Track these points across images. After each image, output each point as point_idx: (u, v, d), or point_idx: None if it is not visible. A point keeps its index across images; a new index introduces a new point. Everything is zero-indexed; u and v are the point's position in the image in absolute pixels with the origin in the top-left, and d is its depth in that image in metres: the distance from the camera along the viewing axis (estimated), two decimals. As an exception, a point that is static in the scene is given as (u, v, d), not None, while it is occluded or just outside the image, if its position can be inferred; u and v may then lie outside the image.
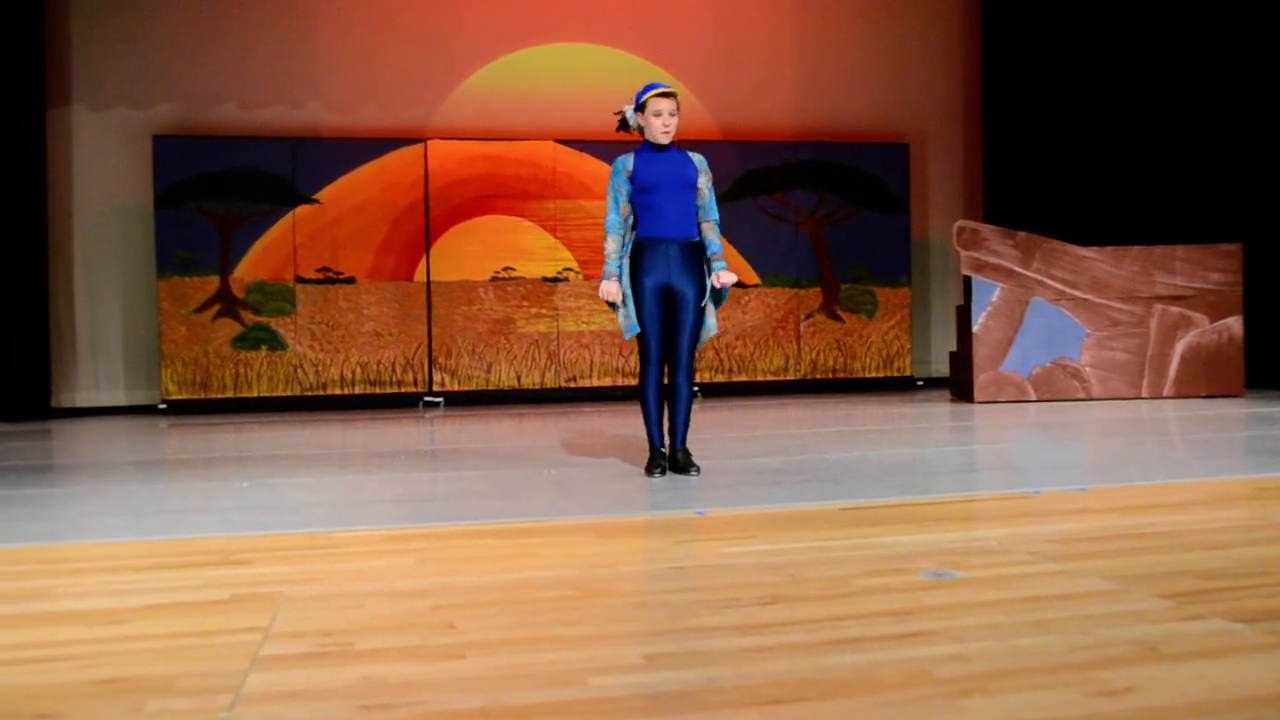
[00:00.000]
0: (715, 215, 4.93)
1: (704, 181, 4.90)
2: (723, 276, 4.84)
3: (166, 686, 2.05)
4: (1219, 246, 8.67)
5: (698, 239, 4.88)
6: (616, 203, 4.87)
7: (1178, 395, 8.60)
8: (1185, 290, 8.63)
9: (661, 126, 4.78)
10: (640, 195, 4.82)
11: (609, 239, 4.88)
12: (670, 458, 4.92)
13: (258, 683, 2.06)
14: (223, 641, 2.34)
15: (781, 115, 11.18)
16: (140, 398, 10.04)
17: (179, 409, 9.73)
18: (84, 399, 9.96)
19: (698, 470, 4.85)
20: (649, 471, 4.85)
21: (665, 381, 4.93)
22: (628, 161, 4.86)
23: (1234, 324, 8.63)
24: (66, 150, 9.95)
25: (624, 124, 4.94)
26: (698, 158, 4.91)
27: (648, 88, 4.85)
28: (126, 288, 10.02)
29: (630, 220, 4.90)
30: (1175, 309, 8.64)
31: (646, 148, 4.87)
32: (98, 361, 10.01)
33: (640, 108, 4.85)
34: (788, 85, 11.24)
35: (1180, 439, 6.22)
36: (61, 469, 5.99)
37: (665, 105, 4.79)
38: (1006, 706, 1.85)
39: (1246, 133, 9.20)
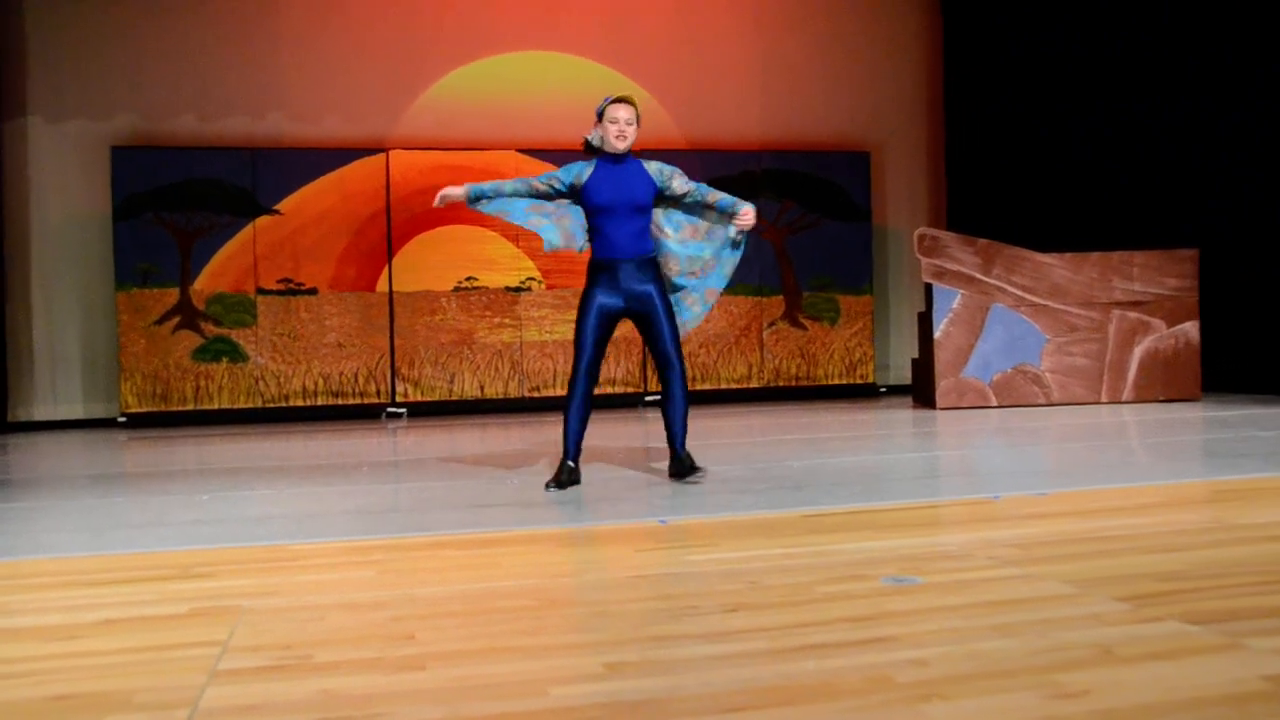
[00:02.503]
0: (706, 189, 4.89)
1: (677, 185, 4.84)
2: (740, 219, 4.84)
3: (123, 702, 2.03)
4: (1175, 252, 8.79)
5: (652, 254, 4.84)
6: (537, 179, 4.87)
7: (1137, 400, 8.70)
8: (1143, 296, 8.74)
9: (616, 133, 4.72)
10: (591, 216, 4.80)
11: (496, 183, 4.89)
12: (673, 463, 4.87)
13: (215, 696, 2.04)
14: (180, 655, 2.32)
15: (744, 124, 11.23)
16: (99, 411, 9.91)
17: (139, 422, 9.62)
18: (41, 412, 9.82)
19: (703, 472, 4.80)
20: (555, 484, 4.73)
21: (660, 388, 4.96)
22: (583, 172, 4.80)
23: (1190, 329, 8.75)
24: (23, 161, 9.82)
25: (589, 147, 4.85)
26: (655, 169, 4.83)
27: (607, 99, 4.82)
28: (85, 300, 9.90)
29: (531, 200, 4.88)
30: (1133, 314, 8.74)
31: (604, 160, 4.80)
32: (56, 374, 9.87)
33: (600, 116, 4.80)
34: (751, 94, 11.30)
35: (1138, 443, 6.29)
36: (18, 483, 5.90)
37: (622, 113, 4.73)
38: (965, 711, 1.86)
39: (1202, 140, 9.33)
